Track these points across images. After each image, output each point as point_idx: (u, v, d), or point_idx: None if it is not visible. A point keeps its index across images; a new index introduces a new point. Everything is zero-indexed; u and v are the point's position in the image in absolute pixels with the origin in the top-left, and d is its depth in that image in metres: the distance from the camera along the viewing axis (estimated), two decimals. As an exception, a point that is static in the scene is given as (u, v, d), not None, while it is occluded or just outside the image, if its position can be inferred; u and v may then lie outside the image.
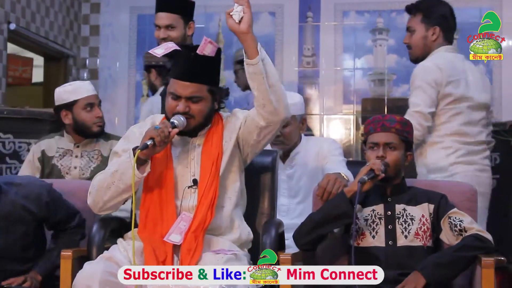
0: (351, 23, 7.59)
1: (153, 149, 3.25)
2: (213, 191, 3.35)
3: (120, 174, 3.30)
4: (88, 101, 4.47)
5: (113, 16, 8.04)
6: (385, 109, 7.37)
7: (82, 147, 4.52)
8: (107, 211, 3.45)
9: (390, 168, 3.51)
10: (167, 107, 3.42)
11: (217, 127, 3.49)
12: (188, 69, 3.39)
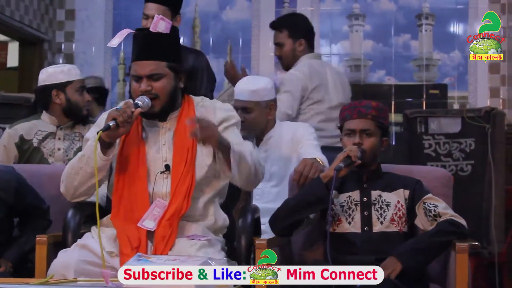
0: (327, 9, 7.58)
1: (116, 130, 3.22)
2: (189, 179, 3.33)
3: (87, 158, 3.29)
4: (81, 84, 4.52)
5: (89, 0, 7.98)
6: (362, 94, 7.39)
7: (64, 129, 4.50)
8: (80, 198, 3.43)
9: (367, 155, 3.52)
10: (132, 91, 3.40)
11: (188, 111, 3.45)
12: (144, 48, 3.38)
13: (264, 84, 4.46)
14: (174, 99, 3.42)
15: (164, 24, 3.37)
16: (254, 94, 4.39)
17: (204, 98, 3.57)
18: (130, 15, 7.70)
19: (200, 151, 3.39)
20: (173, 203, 3.30)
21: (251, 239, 3.39)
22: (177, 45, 3.50)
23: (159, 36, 3.38)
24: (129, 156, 3.38)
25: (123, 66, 7.81)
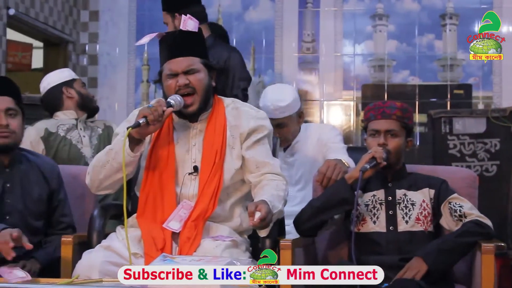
0: (351, 9, 7.57)
1: (146, 128, 3.22)
2: (216, 181, 3.33)
3: (115, 153, 3.29)
4: (82, 81, 4.72)
5: (113, 2, 8.01)
6: (385, 95, 7.36)
7: (82, 122, 4.63)
8: (104, 191, 3.45)
9: (392, 155, 3.51)
10: (168, 89, 3.39)
11: (218, 113, 3.45)
12: (177, 46, 3.40)
13: (292, 96, 4.48)
14: (208, 96, 3.43)
15: (192, 23, 3.42)
16: (286, 110, 4.41)
17: (235, 100, 3.56)
18: (154, 16, 7.70)
19: (230, 155, 3.40)
20: (199, 205, 3.30)
21: (276, 239, 3.38)
22: (204, 43, 3.52)
23: (189, 34, 3.42)
24: (159, 155, 3.38)
25: (147, 67, 7.82)
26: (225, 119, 3.43)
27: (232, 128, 3.43)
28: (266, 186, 3.32)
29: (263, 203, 3.10)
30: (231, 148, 3.40)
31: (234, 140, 3.41)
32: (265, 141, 3.46)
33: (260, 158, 3.39)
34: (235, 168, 3.39)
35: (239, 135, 3.42)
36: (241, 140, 3.42)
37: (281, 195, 3.30)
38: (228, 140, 3.40)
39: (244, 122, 3.44)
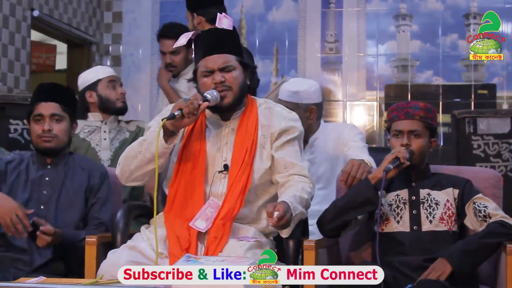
0: (374, 9, 7.56)
1: (181, 120, 3.21)
2: (244, 179, 3.32)
3: (148, 144, 3.29)
4: (110, 79, 4.70)
5: (136, 3, 8.04)
6: (409, 95, 7.34)
7: (109, 124, 4.65)
8: (134, 182, 3.45)
9: (415, 156, 3.50)
10: (203, 87, 3.38)
11: (251, 112, 3.46)
12: (213, 43, 3.41)
13: (307, 87, 4.43)
14: (243, 93, 3.44)
15: (227, 21, 3.44)
16: (294, 96, 4.37)
17: (268, 100, 3.58)
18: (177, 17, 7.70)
19: (260, 154, 3.40)
20: (227, 203, 3.29)
21: (299, 240, 3.38)
22: (239, 42, 3.54)
23: (225, 32, 3.44)
24: (190, 152, 3.39)
25: (170, 68, 7.84)
26: (257, 118, 3.44)
27: (263, 128, 3.43)
28: (291, 187, 3.32)
29: (282, 203, 3.11)
30: (261, 148, 3.41)
31: (265, 140, 3.42)
32: (295, 143, 3.46)
33: (288, 159, 3.39)
34: (264, 168, 3.40)
35: (270, 135, 3.42)
36: (272, 140, 3.42)
37: (304, 198, 3.29)
38: (259, 140, 3.41)
39: (276, 122, 3.44)
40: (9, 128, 5.25)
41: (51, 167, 3.80)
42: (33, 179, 3.78)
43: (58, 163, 3.81)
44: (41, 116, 3.74)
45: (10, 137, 5.25)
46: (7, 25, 6.42)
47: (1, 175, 3.78)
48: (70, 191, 3.77)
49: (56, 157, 3.81)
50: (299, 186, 3.33)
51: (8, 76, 6.43)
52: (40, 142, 3.74)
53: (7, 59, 6.41)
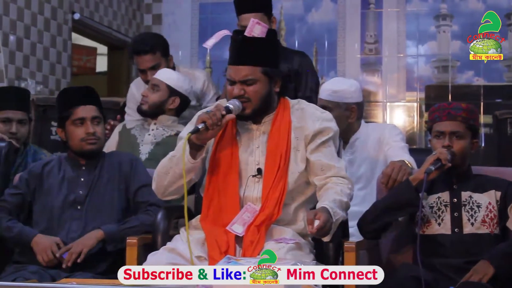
0: (414, 9, 7.52)
1: (206, 133, 3.21)
2: (281, 186, 3.30)
3: (177, 159, 3.30)
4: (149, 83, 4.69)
5: (175, 5, 8.08)
6: (449, 96, 7.30)
7: (159, 123, 4.62)
8: (171, 197, 3.45)
9: (457, 157, 3.47)
10: (227, 94, 3.41)
11: (283, 115, 3.42)
12: (238, 53, 3.35)
13: (347, 86, 4.41)
14: (267, 103, 3.39)
15: (259, 28, 3.35)
16: (334, 95, 4.35)
17: (301, 101, 3.53)
18: (216, 18, 7.76)
19: (294, 157, 3.37)
20: (264, 210, 3.27)
21: (340, 242, 3.37)
22: (274, 48, 3.44)
23: (254, 41, 3.36)
24: (222, 158, 3.38)
25: (210, 70, 7.87)
26: (289, 121, 3.40)
27: (296, 130, 3.40)
28: (330, 189, 3.29)
29: (323, 211, 3.07)
30: (295, 151, 3.38)
31: (298, 142, 3.39)
32: (330, 143, 3.42)
33: (325, 161, 3.37)
34: (299, 171, 3.37)
35: (304, 137, 3.39)
36: (306, 142, 3.39)
37: (343, 201, 3.26)
38: (293, 142, 3.37)
39: (309, 123, 3.40)
40: (50, 130, 5.30)
41: (85, 168, 3.84)
42: (69, 180, 3.82)
43: (91, 164, 3.85)
44: (83, 120, 3.78)
45: (51, 139, 5.30)
46: (49, 28, 6.49)
47: (38, 178, 3.83)
48: (106, 189, 3.81)
49: (91, 158, 3.85)
50: (338, 188, 3.30)
51: (50, 78, 6.50)
52: (85, 145, 3.78)
53: (49, 62, 6.48)
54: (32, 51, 6.24)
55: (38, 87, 6.25)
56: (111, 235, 3.67)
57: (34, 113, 5.32)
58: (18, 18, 6.04)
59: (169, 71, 4.66)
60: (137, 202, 3.83)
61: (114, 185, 3.83)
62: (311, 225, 3.01)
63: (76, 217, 3.75)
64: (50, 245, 3.63)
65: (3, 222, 3.75)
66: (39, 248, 3.64)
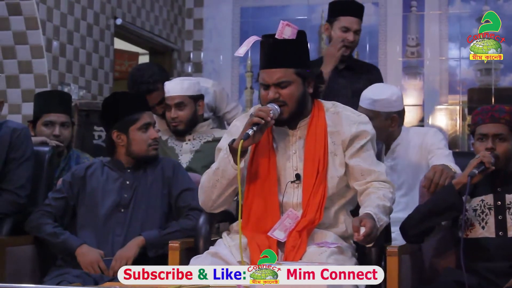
0: (456, 12, 7.47)
1: (253, 138, 3.22)
2: (321, 191, 3.29)
3: (222, 171, 3.30)
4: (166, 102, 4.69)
5: (216, 9, 8.11)
6: (492, 99, 7.23)
7: (194, 131, 4.64)
8: (220, 208, 3.45)
9: (500, 160, 3.43)
10: (261, 98, 3.39)
11: (318, 119, 3.40)
12: (270, 56, 3.35)
13: (388, 95, 4.34)
14: (303, 105, 3.38)
15: (290, 30, 3.34)
16: (375, 104, 4.30)
17: (335, 103, 3.51)
18: (257, 23, 7.77)
19: (332, 162, 3.35)
20: (306, 216, 3.26)
21: (382, 246, 3.35)
22: (305, 49, 3.43)
23: (285, 43, 3.34)
24: (260, 165, 3.37)
25: (251, 74, 7.88)
26: (325, 124, 3.38)
27: (333, 135, 3.38)
28: (372, 194, 3.28)
29: (368, 218, 3.06)
30: (333, 155, 3.36)
31: (336, 147, 3.37)
32: (369, 147, 3.40)
33: (365, 166, 3.35)
34: (338, 176, 3.36)
35: (341, 142, 3.38)
36: (344, 147, 3.38)
37: (387, 206, 3.25)
38: (330, 147, 3.36)
39: (346, 128, 3.38)
40: (93, 134, 5.34)
41: (130, 170, 3.87)
42: (113, 183, 3.85)
43: (136, 167, 3.88)
44: (148, 125, 3.84)
45: (94, 143, 5.33)
46: (91, 34, 6.54)
47: (81, 181, 3.87)
48: (149, 193, 3.84)
49: (150, 163, 3.89)
50: (380, 193, 3.28)
51: (92, 83, 6.55)
52: (150, 150, 3.84)
53: (91, 67, 6.53)
54: (75, 56, 6.29)
55: (81, 92, 6.30)
56: (152, 242, 3.69)
57: (77, 118, 5.36)
58: (61, 23, 6.09)
59: (179, 82, 4.66)
60: (179, 206, 3.84)
61: (157, 189, 3.85)
62: (358, 232, 3.00)
63: (121, 221, 3.78)
64: (97, 260, 3.68)
65: (49, 228, 3.79)
66: (85, 261, 3.68)
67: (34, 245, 3.90)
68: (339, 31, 4.87)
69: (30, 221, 3.84)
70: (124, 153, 3.86)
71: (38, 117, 4.41)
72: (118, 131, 3.83)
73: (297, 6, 7.81)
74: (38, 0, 5.75)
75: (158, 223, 3.78)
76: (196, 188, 3.56)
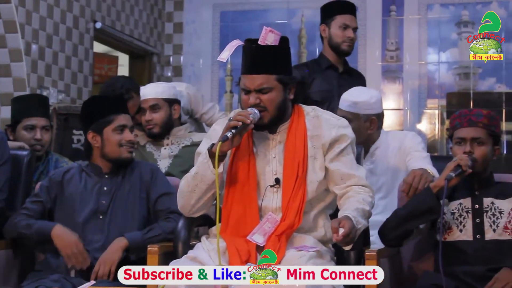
0: (435, 16, 7.50)
1: (232, 142, 3.22)
2: (300, 195, 3.30)
3: (201, 176, 3.30)
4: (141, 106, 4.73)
5: (196, 13, 8.10)
6: (471, 103, 7.26)
7: (172, 136, 4.68)
8: (199, 213, 3.45)
9: (478, 164, 3.45)
10: (242, 103, 3.39)
11: (298, 123, 3.40)
12: (252, 62, 3.34)
13: (368, 97, 4.37)
14: (283, 111, 3.39)
15: (273, 36, 3.33)
16: (354, 106, 4.32)
17: (316, 108, 3.51)
18: (237, 27, 7.77)
19: (312, 166, 3.35)
20: (285, 220, 3.26)
21: (361, 249, 3.36)
22: (287, 56, 3.43)
23: (268, 49, 3.34)
24: (239, 169, 3.36)
25: (230, 78, 7.88)
26: (305, 129, 3.39)
27: (313, 138, 3.38)
28: (351, 198, 3.29)
29: (347, 219, 3.08)
30: (313, 159, 3.36)
31: (316, 151, 3.38)
32: (348, 151, 3.41)
33: (345, 170, 3.36)
34: (318, 180, 3.36)
35: (321, 146, 3.38)
36: (324, 150, 3.38)
37: (366, 210, 3.26)
38: (310, 151, 3.36)
39: (326, 131, 3.39)
40: (72, 138, 5.32)
41: (108, 176, 3.85)
42: (91, 189, 3.83)
43: (114, 173, 3.85)
44: (123, 127, 3.81)
45: (73, 147, 5.31)
46: (71, 37, 6.52)
47: (59, 186, 3.84)
48: (128, 198, 3.81)
49: (124, 166, 3.87)
50: (360, 197, 3.29)
51: (72, 87, 6.53)
52: (124, 151, 3.81)
53: (71, 71, 6.51)
54: (54, 60, 6.27)
55: (60, 95, 6.28)
56: (135, 244, 3.67)
57: (56, 122, 5.34)
58: (41, 27, 6.07)
59: (154, 86, 4.75)
60: (157, 210, 3.82)
61: (135, 194, 3.83)
62: (336, 233, 3.01)
63: (98, 227, 3.75)
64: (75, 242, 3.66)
65: (22, 222, 3.76)
66: (63, 244, 3.66)
67: (12, 249, 3.88)
68: (339, 30, 4.94)
69: (7, 225, 3.82)
70: (99, 155, 3.83)
71: (18, 121, 4.39)
72: (94, 131, 3.82)
73: (277, 11, 7.82)
74: (17, 4, 5.72)
75: (136, 228, 3.76)
76: (174, 193, 3.55)
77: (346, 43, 4.95)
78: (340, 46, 4.93)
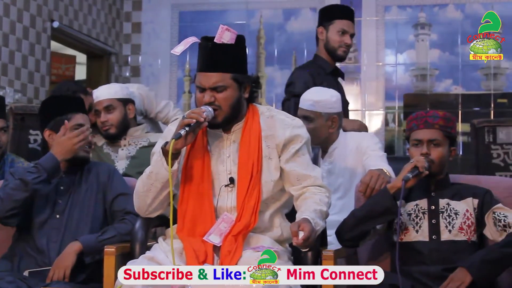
0: (393, 18, 7.55)
1: (185, 139, 3.21)
2: (255, 195, 3.29)
3: (155, 175, 3.28)
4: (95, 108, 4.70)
5: (155, 13, 8.08)
6: (428, 104, 7.32)
7: (129, 136, 4.67)
8: (155, 213, 3.42)
9: (435, 165, 3.48)
10: (197, 100, 3.38)
11: (253, 123, 3.40)
12: (208, 59, 3.33)
13: (328, 96, 4.41)
14: (237, 109, 3.38)
15: (229, 34, 3.33)
16: (316, 105, 4.36)
17: (271, 108, 3.51)
18: (196, 27, 7.76)
19: (267, 166, 3.35)
20: (241, 220, 3.26)
21: (318, 249, 3.37)
22: (243, 54, 3.43)
23: (224, 47, 3.33)
24: (194, 168, 3.35)
25: (189, 78, 7.88)
26: (259, 128, 3.38)
27: (267, 138, 3.38)
28: (308, 199, 3.29)
29: (306, 222, 3.07)
30: (268, 159, 3.36)
31: (270, 151, 3.37)
32: (304, 151, 3.42)
33: (300, 171, 3.36)
34: (273, 180, 3.36)
35: (275, 146, 3.38)
36: (278, 151, 3.38)
37: (323, 210, 3.26)
38: (264, 151, 3.36)
39: (280, 131, 3.38)
40: (28, 138, 5.27)
41: (65, 175, 3.82)
42: (49, 188, 3.79)
43: (71, 172, 3.83)
44: (81, 126, 3.78)
45: (29, 147, 5.26)
46: (27, 36, 6.47)
47: None
48: (84, 199, 3.79)
49: (80, 164, 3.84)
50: (317, 198, 3.30)
51: (28, 86, 6.47)
52: (82, 151, 3.78)
53: (27, 70, 6.45)
54: (10, 59, 6.21)
55: (16, 95, 6.22)
56: (89, 247, 3.64)
57: (12, 122, 5.29)
58: (-4, 26, 6.02)
59: (106, 87, 4.72)
60: (114, 211, 3.80)
61: (92, 194, 3.81)
62: (296, 236, 3.01)
63: (56, 226, 3.73)
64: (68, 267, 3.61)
65: None
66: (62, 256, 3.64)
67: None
68: (336, 35, 4.98)
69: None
70: None
71: None
72: (50, 129, 3.79)
73: (236, 11, 7.82)
74: (-27, 2, 5.67)
75: (93, 228, 3.74)
76: (131, 193, 3.54)
77: (343, 48, 4.98)
78: (336, 51, 4.96)
